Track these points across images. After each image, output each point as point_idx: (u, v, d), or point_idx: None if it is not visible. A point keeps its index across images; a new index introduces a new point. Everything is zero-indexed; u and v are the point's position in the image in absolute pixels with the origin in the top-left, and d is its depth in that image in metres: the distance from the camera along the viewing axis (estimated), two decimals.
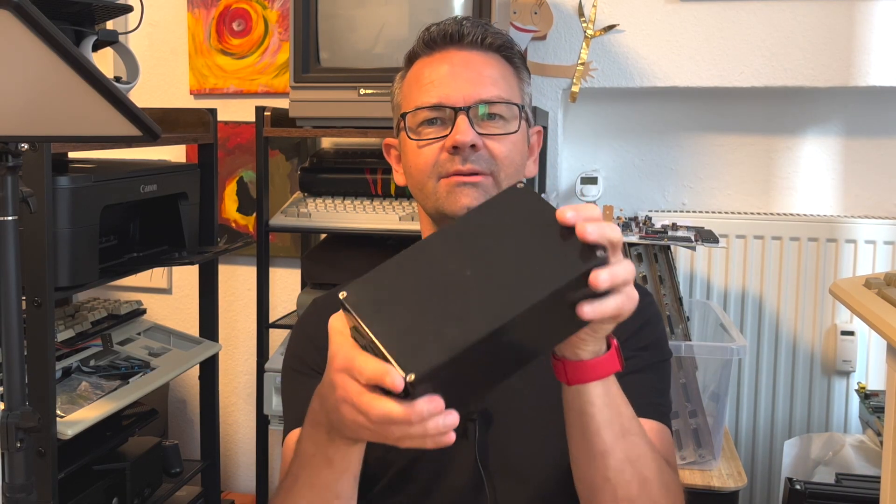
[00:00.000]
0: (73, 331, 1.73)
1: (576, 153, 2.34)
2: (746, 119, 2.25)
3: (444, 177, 1.06)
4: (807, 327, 2.16)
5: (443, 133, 1.06)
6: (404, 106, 1.12)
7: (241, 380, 2.49)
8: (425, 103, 1.07)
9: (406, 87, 1.12)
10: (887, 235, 2.11)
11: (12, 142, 1.05)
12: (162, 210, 1.84)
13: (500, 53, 1.11)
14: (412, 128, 1.09)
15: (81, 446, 1.61)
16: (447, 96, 1.06)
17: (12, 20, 0.85)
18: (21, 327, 1.11)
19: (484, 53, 1.09)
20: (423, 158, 1.07)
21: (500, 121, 1.07)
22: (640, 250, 1.72)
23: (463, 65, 1.08)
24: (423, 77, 1.09)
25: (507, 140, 1.07)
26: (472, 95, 1.06)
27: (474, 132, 1.04)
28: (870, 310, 1.02)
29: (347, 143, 2.26)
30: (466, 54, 1.09)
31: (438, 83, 1.07)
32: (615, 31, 2.16)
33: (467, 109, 1.05)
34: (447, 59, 1.09)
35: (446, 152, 1.05)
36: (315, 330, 1.18)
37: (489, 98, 1.06)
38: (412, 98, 1.10)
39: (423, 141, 1.07)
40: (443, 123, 1.06)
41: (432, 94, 1.07)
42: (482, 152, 1.05)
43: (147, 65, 2.38)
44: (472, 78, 1.07)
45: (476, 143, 1.04)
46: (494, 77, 1.08)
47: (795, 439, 1.96)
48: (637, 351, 1.09)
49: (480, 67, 1.08)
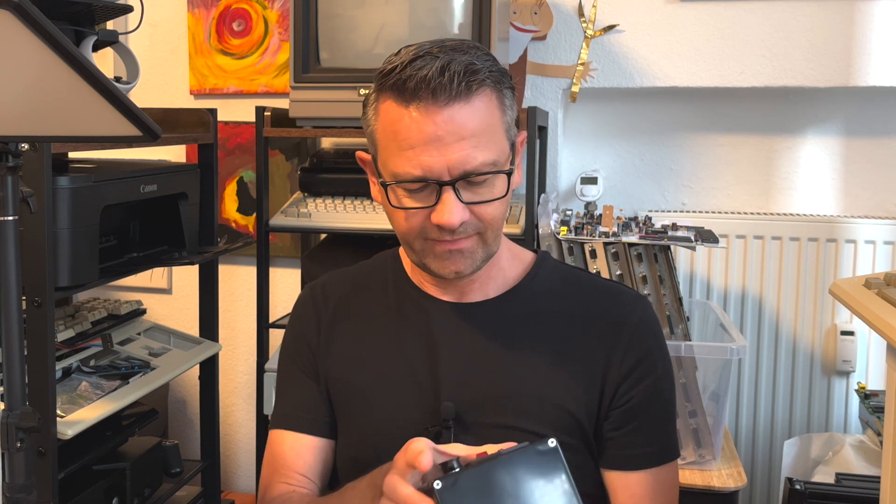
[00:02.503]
0: (73, 331, 1.73)
1: (576, 153, 2.34)
2: (746, 119, 2.25)
3: (430, 240, 1.03)
4: (807, 327, 2.16)
5: (428, 202, 1.00)
6: (381, 158, 1.04)
7: (241, 380, 2.49)
8: (407, 176, 0.99)
9: (382, 131, 1.03)
10: (887, 235, 2.11)
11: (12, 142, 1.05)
12: (162, 210, 1.84)
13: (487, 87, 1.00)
14: (394, 193, 1.03)
15: (81, 446, 1.61)
16: (430, 168, 0.98)
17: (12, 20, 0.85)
18: (21, 327, 1.11)
19: (467, 102, 0.98)
20: (409, 225, 1.03)
21: (488, 184, 1.01)
22: (640, 250, 1.72)
23: (445, 126, 0.97)
24: (399, 135, 0.99)
25: (496, 202, 1.02)
26: (457, 167, 0.97)
27: (461, 208, 0.99)
28: (870, 310, 1.02)
29: (347, 143, 2.26)
30: (448, 111, 0.97)
31: (419, 150, 0.98)
32: (615, 31, 2.16)
33: (453, 184, 0.98)
34: (427, 119, 0.97)
35: (432, 222, 1.00)
36: (299, 318, 1.19)
37: (475, 168, 0.98)
38: (391, 157, 1.01)
39: (409, 210, 1.02)
40: (427, 189, 1.00)
41: (413, 163, 0.98)
42: (469, 220, 1.01)
43: (147, 65, 2.37)
44: (455, 143, 0.97)
45: (464, 219, 1.00)
46: (479, 134, 0.98)
47: (795, 439, 1.96)
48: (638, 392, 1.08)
49: (463, 126, 0.97)
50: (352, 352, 1.14)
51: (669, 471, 1.11)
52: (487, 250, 1.05)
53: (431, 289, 1.13)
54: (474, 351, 1.08)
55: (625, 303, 1.12)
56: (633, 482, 1.08)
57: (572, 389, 1.06)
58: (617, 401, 1.07)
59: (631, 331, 1.09)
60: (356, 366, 1.13)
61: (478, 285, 1.11)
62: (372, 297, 1.18)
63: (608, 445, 1.08)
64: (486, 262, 1.06)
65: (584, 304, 1.12)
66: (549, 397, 1.06)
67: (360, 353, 1.14)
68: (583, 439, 1.08)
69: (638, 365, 1.08)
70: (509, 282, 1.13)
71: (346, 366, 1.14)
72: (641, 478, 1.08)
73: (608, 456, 1.09)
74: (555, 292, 1.12)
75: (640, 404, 1.08)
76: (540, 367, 1.07)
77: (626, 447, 1.08)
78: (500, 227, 1.05)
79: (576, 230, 1.76)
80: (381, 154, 1.04)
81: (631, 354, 1.08)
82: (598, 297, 1.13)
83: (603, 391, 1.07)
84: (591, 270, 1.72)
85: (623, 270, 1.72)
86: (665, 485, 1.10)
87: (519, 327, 1.10)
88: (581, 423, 1.07)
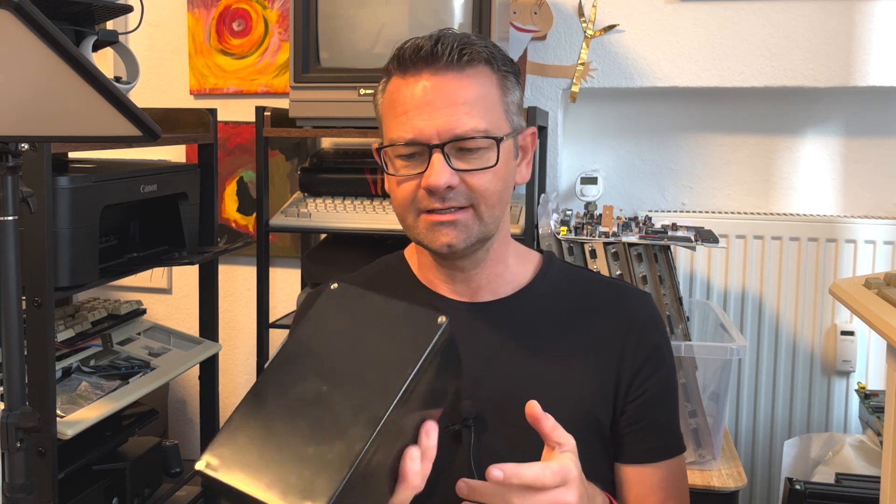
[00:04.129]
0: (73, 331, 1.73)
1: (576, 153, 2.34)
2: (746, 119, 2.25)
3: (423, 212, 1.04)
4: (807, 327, 2.16)
5: (419, 169, 1.02)
6: (383, 131, 1.08)
7: (241, 380, 2.49)
8: (400, 139, 1.02)
9: (384, 107, 1.08)
10: (887, 235, 2.11)
11: (12, 142, 1.05)
12: (162, 210, 1.84)
13: (483, 64, 1.04)
14: (390, 160, 1.06)
15: (81, 446, 1.61)
16: (420, 131, 1.01)
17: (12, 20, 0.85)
18: (21, 327, 1.11)
19: (461, 72, 1.02)
20: (402, 193, 1.05)
21: (479, 152, 1.03)
22: (640, 250, 1.72)
23: (436, 91, 1.01)
24: (396, 102, 1.04)
25: (487, 173, 1.03)
26: (446, 130, 1.00)
27: (449, 172, 1.01)
28: (870, 310, 1.02)
29: (347, 143, 2.26)
30: (440, 78, 1.02)
31: (412, 114, 1.02)
32: (615, 31, 2.16)
33: (442, 147, 1.01)
34: (420, 84, 1.02)
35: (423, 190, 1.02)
36: None
37: (464, 132, 1.01)
38: (388, 125, 1.06)
39: (401, 177, 1.04)
40: (420, 157, 1.03)
41: (406, 127, 1.02)
42: (460, 188, 1.02)
43: (147, 65, 2.38)
44: (446, 108, 1.01)
45: (451, 183, 1.01)
46: (471, 102, 1.02)
47: (795, 439, 1.96)
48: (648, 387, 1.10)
49: (455, 93, 1.01)
50: None
51: (681, 463, 1.14)
52: (483, 228, 1.05)
53: (442, 289, 1.13)
54: (489, 349, 1.08)
55: (632, 299, 1.15)
56: (650, 475, 1.10)
57: (588, 385, 1.07)
58: (632, 394, 1.09)
59: (641, 326, 1.11)
60: None
61: (488, 285, 1.12)
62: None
63: (625, 441, 1.10)
64: (481, 242, 1.07)
65: (592, 303, 1.13)
66: (567, 394, 1.06)
67: None
68: (599, 436, 1.09)
69: (649, 358, 1.10)
70: (519, 281, 1.13)
71: None
72: (658, 470, 1.10)
73: (627, 451, 1.10)
74: (563, 291, 1.13)
75: (654, 398, 1.10)
76: (555, 365, 1.08)
77: (644, 441, 1.09)
78: (494, 204, 1.05)
79: (576, 230, 1.76)
80: (383, 127, 1.08)
81: (642, 349, 1.10)
82: (605, 295, 1.15)
83: (618, 386, 1.09)
84: (591, 269, 1.72)
85: (623, 270, 1.72)
86: (678, 476, 1.13)
87: (532, 325, 1.10)
88: (598, 418, 1.08)
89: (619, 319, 1.11)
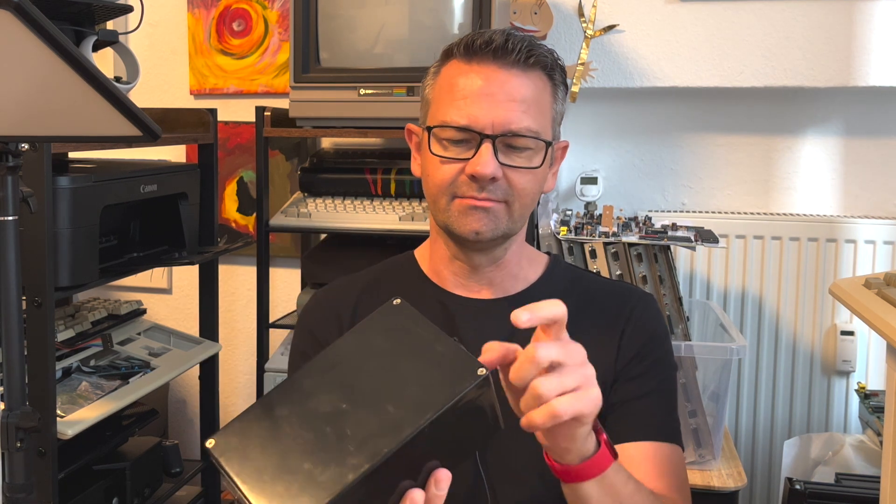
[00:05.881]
0: (73, 331, 1.73)
1: (576, 153, 2.34)
2: (746, 119, 2.25)
3: (458, 197, 1.05)
4: (807, 327, 2.16)
5: (465, 155, 1.04)
6: (432, 111, 1.09)
7: (241, 380, 2.49)
8: (454, 122, 1.04)
9: (438, 89, 1.09)
10: (887, 235, 2.11)
11: (12, 142, 1.05)
12: (162, 210, 1.84)
13: (543, 72, 1.07)
14: (436, 140, 1.06)
15: (81, 446, 1.61)
16: (476, 119, 1.03)
17: (12, 20, 0.85)
18: (21, 327, 1.11)
19: (524, 73, 1.05)
20: (441, 175, 1.06)
21: (527, 152, 1.05)
22: (640, 250, 1.72)
23: (498, 84, 1.03)
24: (456, 87, 1.05)
25: (529, 173, 1.05)
26: (501, 123, 1.02)
27: (496, 164, 1.02)
28: (870, 310, 1.02)
29: (347, 143, 2.26)
30: (505, 73, 1.04)
31: (471, 101, 1.03)
32: (615, 31, 2.16)
33: (494, 138, 1.02)
34: (484, 74, 1.04)
35: (465, 175, 1.04)
36: (316, 324, 1.18)
37: (518, 130, 1.03)
38: (441, 107, 1.07)
39: (446, 158, 1.05)
40: (467, 144, 1.04)
41: (462, 112, 1.03)
42: (500, 182, 1.04)
43: (147, 65, 2.38)
44: (504, 102, 1.03)
45: (496, 175, 1.03)
46: (528, 102, 1.04)
47: (795, 439, 1.96)
48: (643, 371, 1.10)
49: (516, 90, 1.04)
50: None
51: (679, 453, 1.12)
52: (511, 224, 1.07)
53: (451, 284, 1.14)
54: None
55: (634, 298, 1.17)
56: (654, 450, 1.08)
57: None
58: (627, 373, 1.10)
59: (639, 315, 1.13)
60: None
61: (500, 284, 1.13)
62: (389, 296, 1.18)
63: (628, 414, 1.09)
64: (504, 238, 1.09)
65: (595, 302, 1.15)
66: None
67: None
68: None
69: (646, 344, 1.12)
70: (527, 281, 1.15)
71: None
72: (661, 447, 1.09)
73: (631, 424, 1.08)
74: (567, 292, 1.14)
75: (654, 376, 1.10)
76: None
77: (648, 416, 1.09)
78: (526, 205, 1.08)
79: (576, 230, 1.76)
80: (433, 107, 1.09)
81: (640, 334, 1.12)
82: (608, 295, 1.17)
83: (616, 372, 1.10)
84: (591, 270, 1.72)
85: (623, 270, 1.72)
86: (681, 463, 1.12)
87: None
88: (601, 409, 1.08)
89: (620, 315, 1.13)
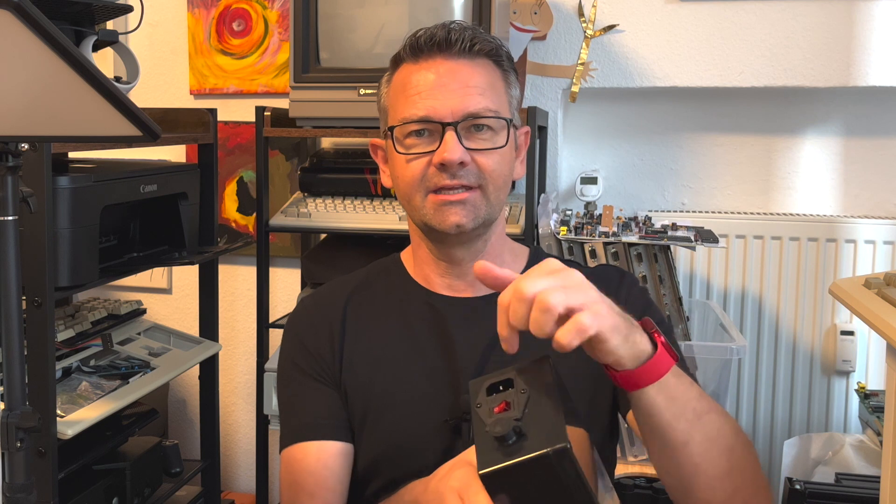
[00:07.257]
0: (73, 331, 1.72)
1: (576, 153, 2.34)
2: (746, 119, 2.25)
3: (431, 191, 1.07)
4: (807, 327, 2.16)
5: (430, 147, 1.06)
6: (391, 114, 1.11)
7: (241, 380, 2.49)
8: (412, 116, 1.06)
9: (393, 94, 1.12)
10: (887, 235, 2.11)
11: (12, 142, 1.05)
12: (162, 210, 1.84)
13: (489, 58, 1.10)
14: (399, 139, 1.09)
15: (81, 446, 1.61)
16: (434, 110, 1.05)
17: (12, 20, 0.85)
18: (21, 327, 1.11)
19: (471, 60, 1.08)
20: (410, 172, 1.07)
21: (489, 132, 1.07)
22: (640, 250, 1.72)
23: (450, 75, 1.07)
24: (409, 86, 1.08)
25: (496, 154, 1.07)
26: (459, 109, 1.05)
27: (462, 148, 1.05)
28: (869, 310, 1.02)
29: (347, 143, 2.26)
30: (454, 63, 1.07)
31: (426, 94, 1.06)
32: (615, 31, 2.16)
33: (455, 124, 1.05)
34: (434, 68, 1.07)
35: (434, 167, 1.06)
36: (305, 331, 1.18)
37: (477, 111, 1.06)
38: (399, 108, 1.09)
39: (411, 155, 1.07)
40: (430, 136, 1.07)
41: (419, 106, 1.06)
42: (470, 167, 1.06)
43: (147, 65, 2.38)
44: (459, 89, 1.06)
45: (464, 159, 1.05)
46: (482, 87, 1.07)
47: (795, 439, 1.96)
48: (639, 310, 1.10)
49: (468, 77, 1.07)
50: (366, 353, 1.14)
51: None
52: (489, 209, 1.08)
53: (438, 285, 1.15)
54: (487, 342, 1.09)
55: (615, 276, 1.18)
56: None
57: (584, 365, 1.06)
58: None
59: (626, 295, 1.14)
60: (372, 366, 1.13)
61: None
62: (378, 299, 1.18)
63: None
64: (485, 227, 1.10)
65: None
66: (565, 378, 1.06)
67: (374, 354, 1.13)
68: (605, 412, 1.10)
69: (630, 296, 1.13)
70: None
71: (362, 367, 1.13)
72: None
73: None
74: None
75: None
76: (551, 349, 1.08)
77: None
78: (500, 187, 1.09)
79: (576, 230, 1.76)
80: (391, 111, 1.11)
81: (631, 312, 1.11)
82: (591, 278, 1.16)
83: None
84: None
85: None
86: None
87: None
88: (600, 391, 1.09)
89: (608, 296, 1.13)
